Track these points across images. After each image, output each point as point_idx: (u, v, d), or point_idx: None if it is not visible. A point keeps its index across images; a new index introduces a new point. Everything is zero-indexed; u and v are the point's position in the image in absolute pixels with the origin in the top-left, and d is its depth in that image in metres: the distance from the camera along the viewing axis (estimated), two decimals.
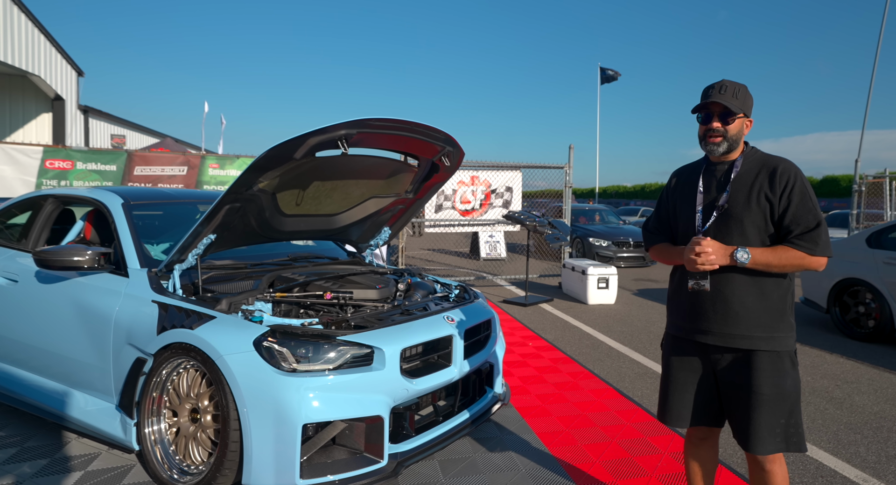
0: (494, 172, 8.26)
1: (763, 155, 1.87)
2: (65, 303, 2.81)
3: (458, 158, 3.32)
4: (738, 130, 1.83)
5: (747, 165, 1.85)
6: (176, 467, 2.36)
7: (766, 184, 1.78)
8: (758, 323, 1.77)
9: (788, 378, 1.75)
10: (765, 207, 1.77)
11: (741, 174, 1.84)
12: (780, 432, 1.74)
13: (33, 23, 13.07)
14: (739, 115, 1.82)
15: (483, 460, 2.70)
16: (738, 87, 1.84)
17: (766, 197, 1.77)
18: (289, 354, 2.20)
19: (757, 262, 1.73)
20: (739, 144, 1.87)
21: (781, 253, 1.73)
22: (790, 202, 1.74)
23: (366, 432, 2.29)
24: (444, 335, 2.65)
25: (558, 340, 5.13)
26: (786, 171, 1.77)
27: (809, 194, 1.75)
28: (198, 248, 2.61)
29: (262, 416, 2.12)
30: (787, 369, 1.76)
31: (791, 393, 1.75)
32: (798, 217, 1.73)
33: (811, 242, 1.71)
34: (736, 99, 1.82)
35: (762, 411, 1.73)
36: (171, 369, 2.40)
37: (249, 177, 2.44)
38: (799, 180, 1.76)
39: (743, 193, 1.80)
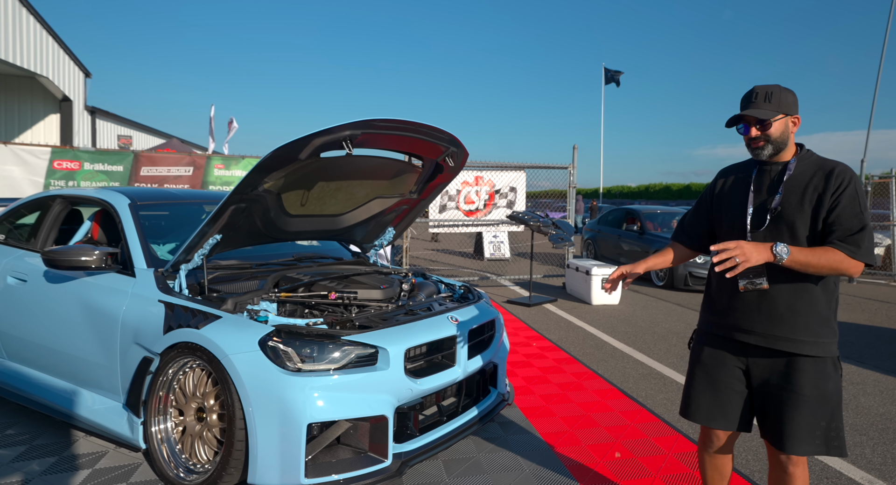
0: (498, 172, 8.27)
1: (819, 158, 1.83)
2: (72, 302, 2.84)
3: (462, 159, 3.33)
4: (780, 131, 1.79)
5: (801, 166, 1.81)
6: (182, 465, 2.38)
7: (820, 184, 1.74)
8: (804, 327, 1.74)
9: (830, 381, 1.73)
10: (817, 209, 1.74)
11: (794, 176, 1.80)
12: (821, 435, 1.71)
13: (41, 24, 13.16)
14: (778, 117, 1.78)
15: (487, 459, 2.71)
16: (769, 91, 1.80)
17: (818, 197, 1.74)
18: (294, 354, 2.21)
19: (795, 259, 1.68)
20: (788, 145, 1.83)
21: (821, 253, 1.68)
22: (839, 203, 1.71)
23: (370, 432, 2.30)
24: (447, 335, 2.66)
25: (562, 341, 5.13)
26: (841, 173, 1.74)
27: (860, 198, 1.72)
28: (203, 248, 2.63)
29: (268, 415, 2.14)
30: (830, 372, 1.74)
31: (833, 396, 1.73)
32: (843, 219, 1.70)
33: (854, 244, 1.68)
34: (768, 103, 1.79)
35: (803, 412, 1.71)
36: (177, 368, 2.42)
37: (255, 177, 2.46)
38: (853, 184, 1.72)
39: (796, 195, 1.77)
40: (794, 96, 1.83)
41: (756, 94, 1.81)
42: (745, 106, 1.82)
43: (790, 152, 1.84)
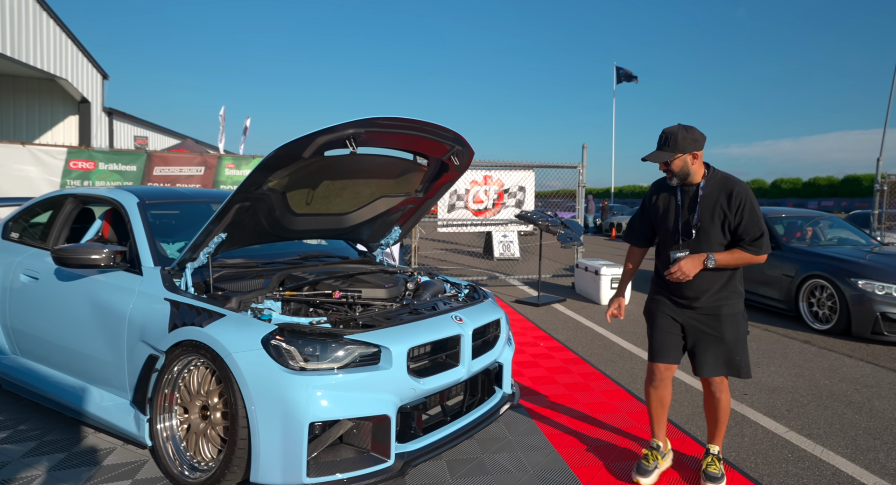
0: (507, 171, 8.24)
1: (722, 177, 2.42)
2: (82, 300, 2.87)
3: (467, 158, 3.32)
4: (681, 166, 2.40)
5: (710, 187, 2.41)
6: (187, 463, 2.39)
7: (724, 203, 2.37)
8: (720, 295, 2.45)
9: (741, 327, 2.47)
10: (724, 222, 2.38)
11: (705, 196, 2.41)
12: (735, 363, 2.45)
13: (60, 27, 13.37)
14: (676, 157, 2.38)
15: (491, 460, 2.70)
16: (669, 135, 2.39)
17: (723, 214, 2.38)
18: (296, 353, 2.22)
19: (720, 263, 2.38)
20: (693, 173, 2.41)
21: (737, 255, 2.39)
22: (742, 218, 2.35)
23: (373, 432, 2.30)
24: (452, 335, 2.64)
25: (570, 341, 5.09)
26: (739, 193, 2.36)
27: (756, 210, 2.35)
28: (209, 246, 2.64)
29: (270, 414, 2.14)
30: (740, 321, 2.47)
31: (741, 337, 2.46)
32: (748, 230, 2.36)
33: (757, 246, 2.37)
34: (668, 146, 2.38)
35: (725, 349, 2.44)
36: (182, 366, 2.44)
37: (259, 176, 2.46)
38: (749, 200, 2.35)
39: (708, 212, 2.40)
40: (693, 135, 2.38)
41: (661, 137, 2.42)
42: (657, 147, 2.43)
43: (699, 176, 2.43)
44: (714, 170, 2.44)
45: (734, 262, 2.38)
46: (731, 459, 2.78)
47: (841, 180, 51.14)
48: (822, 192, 51.74)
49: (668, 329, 2.54)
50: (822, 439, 3.06)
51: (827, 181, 52.71)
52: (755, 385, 3.94)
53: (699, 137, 2.40)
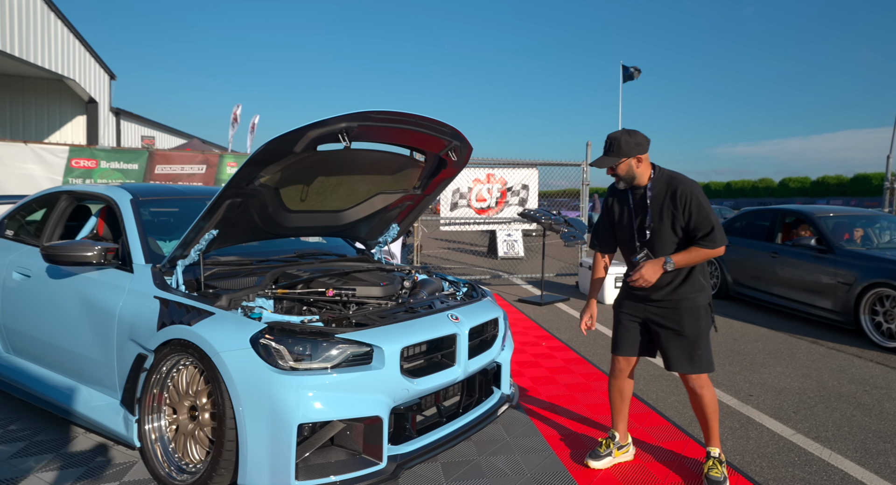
0: (510, 169, 8.16)
1: (667, 176, 2.44)
2: (73, 298, 2.83)
3: (465, 153, 3.25)
4: (626, 170, 2.45)
5: (657, 188, 2.44)
6: (175, 464, 2.34)
7: (670, 203, 2.39)
8: (677, 289, 2.46)
9: (703, 321, 2.45)
10: (673, 221, 2.41)
11: (654, 197, 2.44)
12: (696, 359, 2.44)
13: (68, 28, 13.41)
14: (621, 161, 2.41)
15: (487, 463, 2.63)
16: (613, 140, 2.43)
17: (672, 213, 2.40)
18: (286, 352, 2.16)
19: (679, 264, 2.40)
20: (639, 176, 2.45)
21: (694, 254, 2.39)
22: (691, 215, 2.36)
23: (364, 433, 2.24)
24: (447, 334, 2.58)
25: (573, 341, 5.01)
26: (683, 191, 2.37)
27: (704, 205, 2.36)
28: (200, 243, 2.59)
29: (258, 415, 2.09)
30: (703, 314, 2.46)
31: (704, 331, 2.45)
32: (699, 226, 2.36)
33: (710, 241, 2.36)
34: (612, 151, 2.42)
35: (684, 344, 2.44)
36: (170, 365, 2.39)
37: (249, 171, 2.41)
38: (693, 196, 2.36)
39: (657, 212, 2.43)
40: (636, 139, 2.41)
41: (606, 142, 2.45)
42: (604, 153, 2.47)
43: (645, 178, 2.46)
44: (660, 171, 2.47)
45: (692, 260, 2.39)
46: (736, 462, 2.69)
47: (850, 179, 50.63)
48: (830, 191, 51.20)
49: (627, 324, 2.60)
50: (831, 442, 2.97)
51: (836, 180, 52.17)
52: (761, 386, 3.84)
53: (642, 141, 2.42)
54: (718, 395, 3.64)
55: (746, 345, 4.95)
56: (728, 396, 3.64)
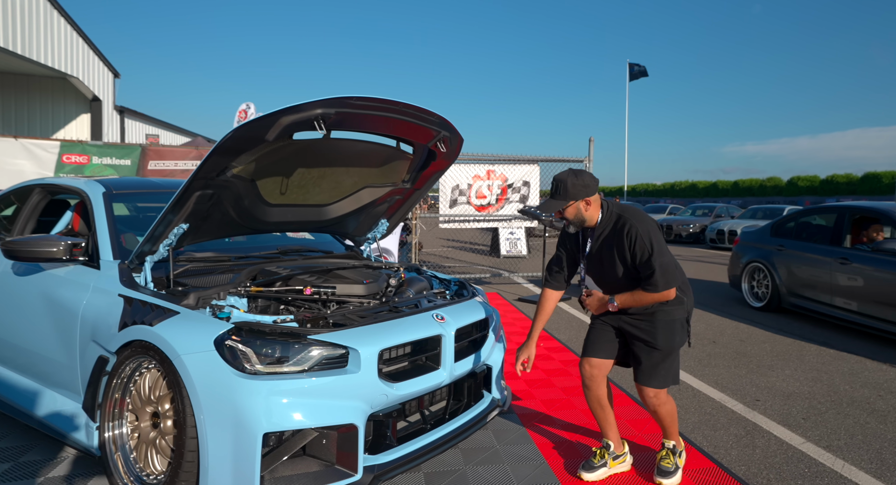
0: (511, 165, 7.97)
1: (616, 215, 2.34)
2: (36, 297, 2.68)
3: (456, 144, 3.08)
4: (574, 213, 2.36)
5: (603, 226, 2.37)
6: (135, 475, 2.18)
7: (616, 240, 2.31)
8: (655, 305, 2.34)
9: (676, 336, 2.36)
10: (621, 257, 2.31)
11: (602, 238, 2.37)
12: (663, 374, 2.36)
13: (72, 26, 13.35)
14: (568, 204, 2.32)
15: (474, 473, 2.46)
16: (559, 182, 2.32)
17: (620, 252, 2.30)
18: (252, 355, 2.00)
19: (621, 306, 2.35)
20: (588, 218, 2.36)
21: (637, 296, 2.30)
22: (635, 255, 2.26)
23: (338, 442, 2.07)
24: (431, 335, 2.41)
25: (572, 341, 4.83)
26: (630, 230, 2.26)
27: (648, 246, 2.22)
28: (169, 238, 2.43)
29: (220, 423, 1.93)
30: (676, 329, 2.37)
31: (676, 346, 2.37)
32: (640, 267, 2.26)
33: (652, 285, 2.24)
34: (559, 194, 2.32)
35: (655, 358, 2.35)
36: (132, 368, 2.23)
37: (217, 161, 2.24)
38: (640, 236, 2.24)
39: (608, 251, 2.35)
40: (583, 181, 2.30)
41: (552, 185, 2.35)
42: (550, 195, 2.38)
43: (594, 219, 2.37)
44: (609, 209, 2.38)
45: (635, 303, 2.32)
46: (741, 474, 2.51)
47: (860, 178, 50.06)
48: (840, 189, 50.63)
49: (600, 328, 2.52)
50: (843, 451, 2.77)
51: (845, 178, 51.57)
52: (768, 390, 3.65)
53: (590, 182, 2.33)
54: (723, 399, 3.45)
55: (753, 347, 4.75)
56: (733, 400, 3.45)
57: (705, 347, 4.72)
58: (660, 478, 2.37)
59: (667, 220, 16.87)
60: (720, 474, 2.47)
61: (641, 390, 2.39)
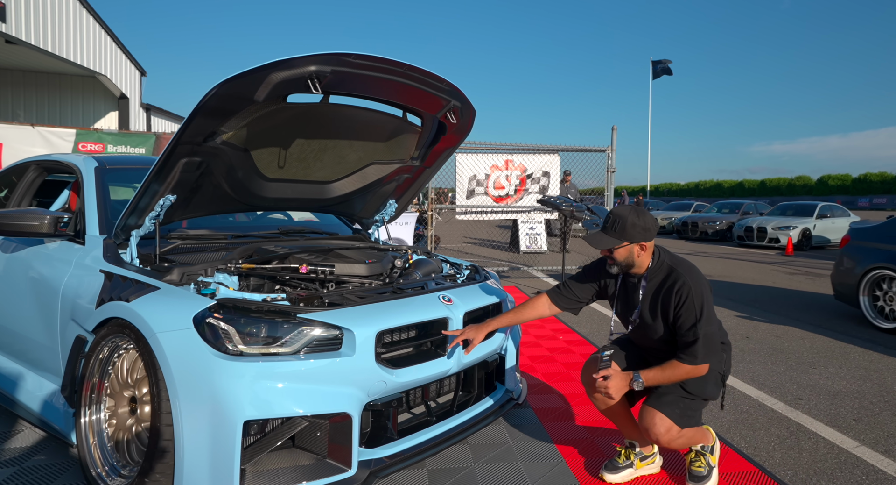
0: (530, 155, 7.69)
1: (668, 267, 2.07)
2: (22, 276, 2.54)
3: (468, 116, 2.84)
4: (625, 256, 2.07)
5: (653, 280, 2.09)
6: (111, 465, 2.00)
7: (666, 299, 2.03)
8: None
9: (709, 386, 2.08)
10: (665, 318, 2.05)
11: (648, 291, 2.09)
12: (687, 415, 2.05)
13: (101, 25, 13.52)
14: (622, 245, 2.04)
15: (484, 471, 2.22)
16: (618, 219, 2.05)
17: (665, 311, 2.04)
18: (235, 334, 1.79)
19: (649, 384, 2.02)
20: (637, 264, 2.08)
21: (669, 372, 1.99)
22: (678, 317, 1.99)
23: (330, 434, 1.86)
24: (436, 318, 2.19)
25: (593, 335, 4.55)
26: (680, 289, 1.99)
27: (696, 310, 1.95)
28: (155, 210, 2.24)
29: (197, 408, 1.72)
30: (709, 379, 2.06)
31: (707, 397, 2.10)
32: (682, 332, 1.98)
33: (691, 355, 1.96)
34: (614, 231, 2.05)
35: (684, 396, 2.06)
36: (110, 349, 2.05)
37: (203, 123, 2.04)
38: (690, 299, 1.96)
39: (650, 309, 2.09)
40: (645, 223, 2.04)
41: (608, 219, 2.10)
42: (601, 228, 2.11)
43: (643, 267, 2.10)
44: (661, 259, 2.10)
45: (664, 379, 2.01)
46: (787, 479, 2.22)
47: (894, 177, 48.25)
48: (874, 188, 48.88)
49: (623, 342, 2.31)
50: None
51: (879, 177, 49.75)
52: (811, 389, 3.33)
53: (651, 226, 2.07)
54: (761, 397, 3.15)
55: (790, 343, 4.41)
56: (773, 398, 3.14)
57: (738, 342, 4.39)
58: (692, 483, 2.10)
59: (691, 217, 16.34)
60: (763, 479, 2.19)
61: (652, 419, 2.00)
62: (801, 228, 12.86)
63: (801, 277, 8.23)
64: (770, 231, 13.00)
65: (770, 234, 12.98)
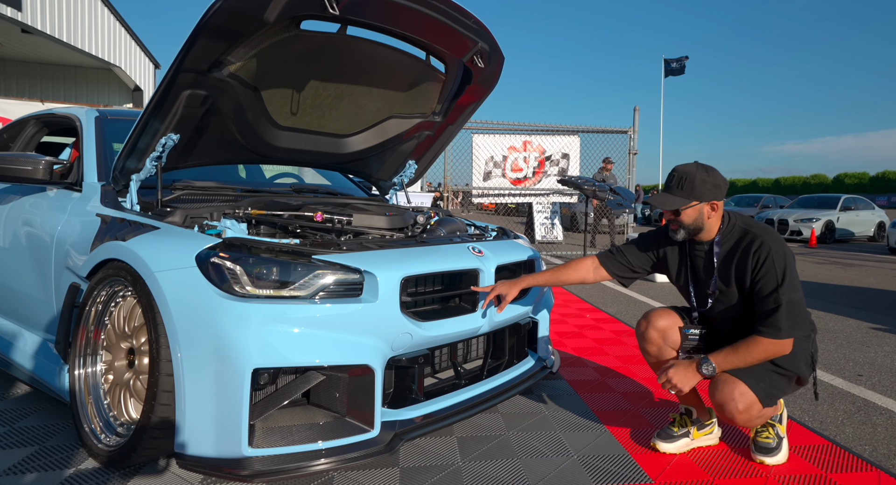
0: (549, 136, 7.43)
1: (741, 229, 1.82)
2: (15, 227, 2.35)
3: (496, 64, 2.61)
4: (693, 218, 1.81)
5: (727, 245, 1.83)
6: (105, 420, 1.80)
7: (743, 262, 1.77)
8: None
9: (801, 362, 1.80)
10: (741, 287, 1.79)
11: (724, 258, 1.83)
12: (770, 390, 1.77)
13: (115, 17, 13.49)
14: (691, 205, 1.78)
15: (519, 440, 1.99)
16: (684, 175, 1.81)
17: (741, 276, 1.78)
18: (243, 275, 1.58)
19: (722, 367, 1.74)
20: (706, 227, 1.83)
21: (745, 350, 1.72)
22: (757, 282, 1.73)
23: (349, 389, 1.64)
24: (466, 268, 1.96)
25: (621, 314, 4.30)
26: (759, 249, 1.74)
27: (777, 273, 1.69)
28: (156, 151, 2.03)
29: (200, 357, 1.51)
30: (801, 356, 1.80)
31: (800, 374, 1.81)
32: (761, 299, 1.72)
33: (773, 327, 1.68)
34: (681, 189, 1.80)
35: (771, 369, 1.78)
36: (106, 296, 1.85)
37: (207, 46, 1.81)
38: (770, 259, 1.71)
39: (729, 277, 1.81)
40: (715, 179, 1.80)
41: (673, 177, 1.84)
42: (664, 188, 1.86)
43: (714, 231, 1.85)
44: (731, 221, 1.85)
45: (739, 361, 1.72)
46: (867, 455, 1.96)
47: None
48: (892, 186, 47.89)
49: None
50: None
51: None
52: (869, 366, 3.06)
53: (721, 183, 1.82)
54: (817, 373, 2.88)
55: (834, 324, 4.12)
56: (830, 374, 2.87)
57: None
58: (761, 456, 1.84)
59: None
60: (839, 453, 1.93)
61: (731, 391, 1.70)
62: (824, 220, 12.45)
63: (829, 266, 7.90)
64: (792, 223, 12.60)
65: (792, 226, 12.59)
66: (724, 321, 1.90)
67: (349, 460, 1.57)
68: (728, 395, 1.70)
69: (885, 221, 13.31)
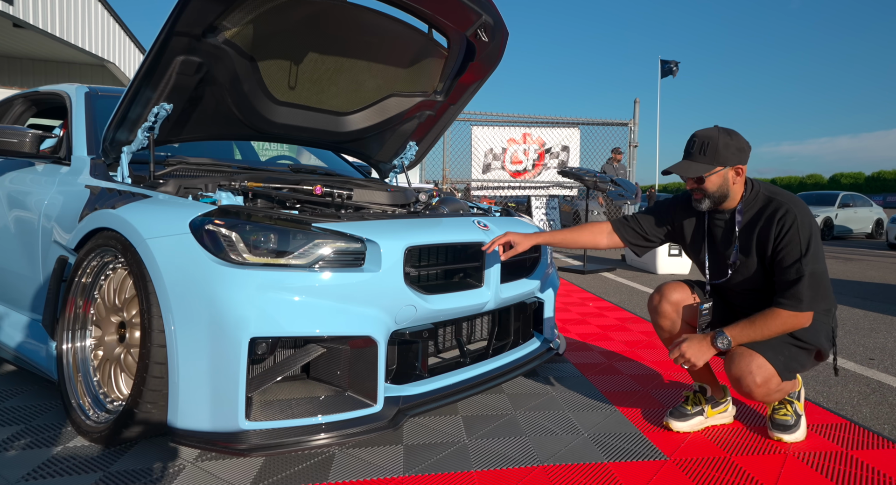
0: (549, 128, 7.38)
1: (765, 196, 1.74)
2: (3, 205, 2.27)
3: (499, 39, 2.54)
4: (718, 184, 1.73)
5: (749, 213, 1.75)
6: (93, 396, 1.72)
7: (766, 230, 1.69)
8: None
9: (822, 335, 1.73)
10: (763, 257, 1.71)
11: (745, 226, 1.75)
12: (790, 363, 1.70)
13: (108, 11, 13.33)
14: (715, 171, 1.70)
15: (527, 418, 1.91)
16: (706, 140, 1.71)
17: (759, 244, 1.70)
18: (239, 241, 1.50)
19: (740, 342, 1.67)
20: (731, 194, 1.74)
21: (762, 323, 1.65)
22: (779, 251, 1.65)
23: (351, 362, 1.56)
24: (472, 241, 1.89)
25: (625, 303, 4.24)
26: (783, 217, 1.66)
27: (801, 242, 1.61)
28: (148, 121, 1.96)
29: (194, 327, 1.44)
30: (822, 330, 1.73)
31: (821, 348, 1.74)
32: (782, 269, 1.64)
33: (793, 298, 1.61)
34: (703, 155, 1.71)
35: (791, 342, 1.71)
36: (95, 268, 1.77)
37: (200, 6, 1.74)
38: (795, 228, 1.63)
39: (750, 247, 1.73)
40: (738, 143, 1.72)
41: (693, 143, 1.74)
42: (685, 155, 1.76)
43: (737, 198, 1.76)
44: (755, 188, 1.76)
45: (759, 334, 1.64)
46: (888, 433, 1.90)
47: None
48: (888, 186, 48.08)
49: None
50: None
51: (894, 175, 48.89)
52: (880, 350, 3.00)
53: (745, 146, 1.73)
54: None
55: (841, 312, 4.07)
56: (841, 358, 2.81)
57: None
58: (778, 433, 1.77)
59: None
60: (859, 431, 1.87)
61: (748, 364, 1.62)
62: (822, 216, 12.44)
63: (830, 261, 7.87)
64: None
65: None
66: (740, 293, 1.82)
67: (351, 435, 1.49)
68: (745, 368, 1.63)
69: (884, 218, 13.31)
